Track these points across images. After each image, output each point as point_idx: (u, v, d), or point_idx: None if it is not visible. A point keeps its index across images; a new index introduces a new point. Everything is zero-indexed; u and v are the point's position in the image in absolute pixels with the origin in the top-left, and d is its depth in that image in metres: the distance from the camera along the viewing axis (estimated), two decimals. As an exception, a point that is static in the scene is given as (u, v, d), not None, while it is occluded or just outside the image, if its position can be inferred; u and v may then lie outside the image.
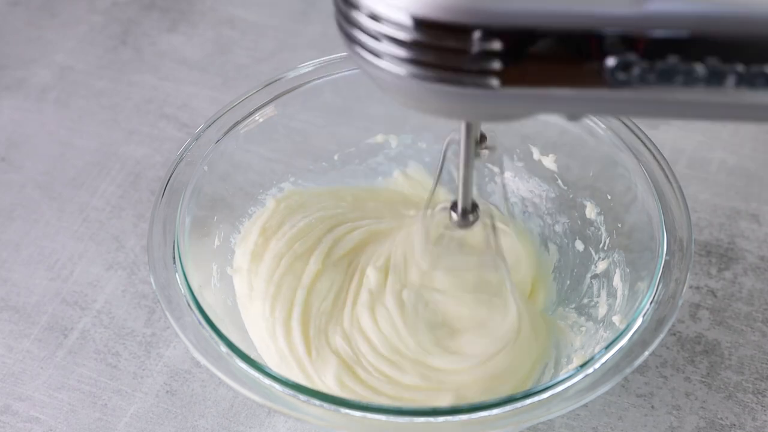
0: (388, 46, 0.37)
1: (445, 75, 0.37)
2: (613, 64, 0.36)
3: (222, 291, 0.60)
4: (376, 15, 0.37)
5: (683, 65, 0.35)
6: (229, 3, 0.88)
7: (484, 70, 0.36)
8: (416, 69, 0.37)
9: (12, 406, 0.62)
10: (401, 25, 0.36)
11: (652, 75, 0.36)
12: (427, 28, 0.36)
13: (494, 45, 0.36)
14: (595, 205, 0.62)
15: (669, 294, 0.53)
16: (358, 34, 0.38)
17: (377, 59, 0.38)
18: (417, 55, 0.37)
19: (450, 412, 0.50)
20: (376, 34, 0.37)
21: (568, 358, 0.58)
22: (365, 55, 0.38)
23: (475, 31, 0.36)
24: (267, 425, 0.61)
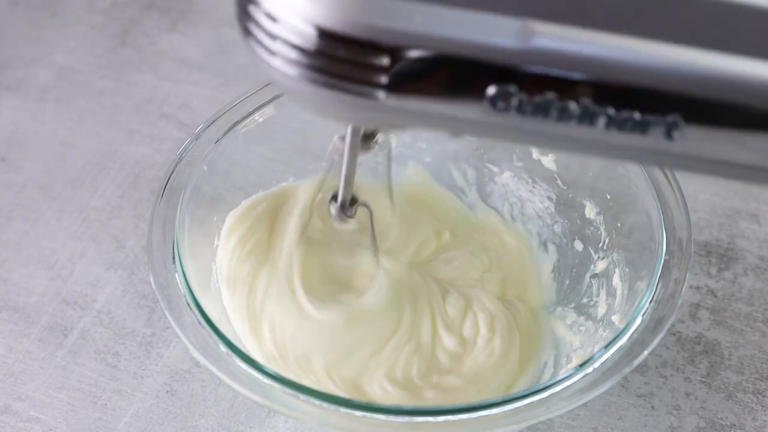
0: (282, 47, 0.38)
1: (335, 82, 0.38)
2: (493, 92, 0.37)
3: (221, 290, 0.60)
4: (273, 16, 0.38)
5: (558, 102, 0.37)
6: (229, 3, 0.88)
7: (373, 82, 0.38)
8: (307, 72, 0.38)
9: (12, 406, 0.62)
10: (300, 31, 0.37)
11: (529, 107, 0.37)
12: (325, 37, 0.37)
13: (383, 60, 0.37)
14: (595, 204, 0.62)
15: (668, 293, 0.54)
16: (255, 30, 0.39)
17: (270, 56, 0.39)
18: (310, 60, 0.38)
19: (450, 412, 0.50)
20: (272, 34, 0.38)
21: (568, 358, 0.58)
22: (259, 51, 0.39)
23: (368, 46, 0.37)
24: (267, 425, 0.61)
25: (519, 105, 0.37)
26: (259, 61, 0.40)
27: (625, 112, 0.37)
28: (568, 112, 0.37)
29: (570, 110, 0.37)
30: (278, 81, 0.40)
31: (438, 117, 0.39)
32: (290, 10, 0.37)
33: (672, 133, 0.37)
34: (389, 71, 0.37)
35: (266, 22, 0.38)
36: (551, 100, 0.37)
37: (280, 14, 0.37)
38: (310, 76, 0.38)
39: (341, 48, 0.37)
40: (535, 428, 0.61)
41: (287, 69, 0.39)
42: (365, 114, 0.40)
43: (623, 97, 0.37)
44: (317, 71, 0.38)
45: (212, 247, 0.61)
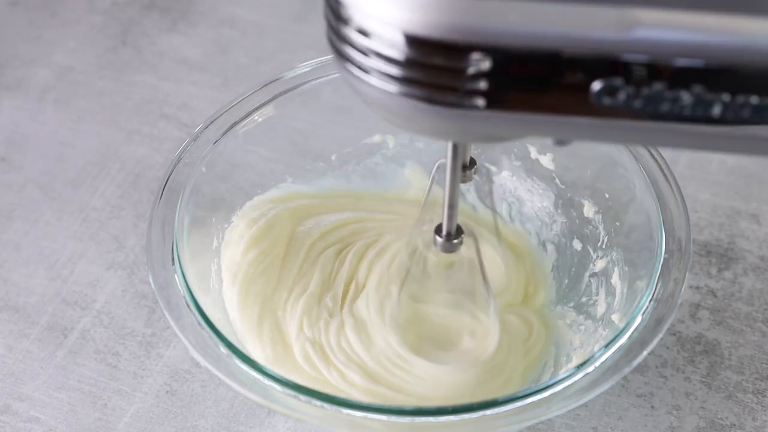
0: (376, 62, 0.37)
1: (431, 93, 0.37)
2: (598, 88, 0.36)
3: (221, 291, 0.60)
4: (365, 31, 0.37)
5: (669, 92, 0.35)
6: (229, 3, 0.88)
7: (471, 90, 0.36)
8: (403, 86, 0.37)
9: (12, 406, 0.62)
10: (391, 41, 0.36)
11: (638, 100, 0.36)
12: (417, 45, 0.36)
13: (483, 65, 0.35)
14: (594, 204, 0.62)
15: (668, 293, 0.54)
16: (348, 50, 0.38)
17: (365, 75, 0.38)
18: (405, 72, 0.36)
19: (451, 412, 0.50)
20: (364, 50, 0.37)
21: (568, 357, 0.58)
22: (353, 70, 0.38)
23: (464, 50, 0.35)
24: (267, 425, 0.61)
25: (627, 99, 0.35)
26: (354, 81, 0.38)
27: (741, 96, 0.35)
28: (679, 103, 0.35)
29: (682, 101, 0.35)
30: (376, 101, 0.38)
31: (542, 122, 0.37)
32: (381, 20, 0.36)
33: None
34: (489, 76, 0.36)
35: (359, 38, 0.37)
36: (660, 91, 0.35)
37: (372, 27, 0.36)
38: (406, 90, 0.37)
39: (435, 55, 0.36)
40: (535, 428, 0.61)
41: (383, 85, 0.37)
42: (466, 126, 0.38)
43: (738, 82, 0.35)
44: (413, 83, 0.36)
45: (212, 248, 0.61)
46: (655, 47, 0.35)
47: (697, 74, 0.35)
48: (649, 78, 0.35)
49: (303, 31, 0.86)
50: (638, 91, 0.35)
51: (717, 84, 0.35)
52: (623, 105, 0.36)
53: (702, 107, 0.35)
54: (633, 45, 0.35)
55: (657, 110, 0.36)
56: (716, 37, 0.34)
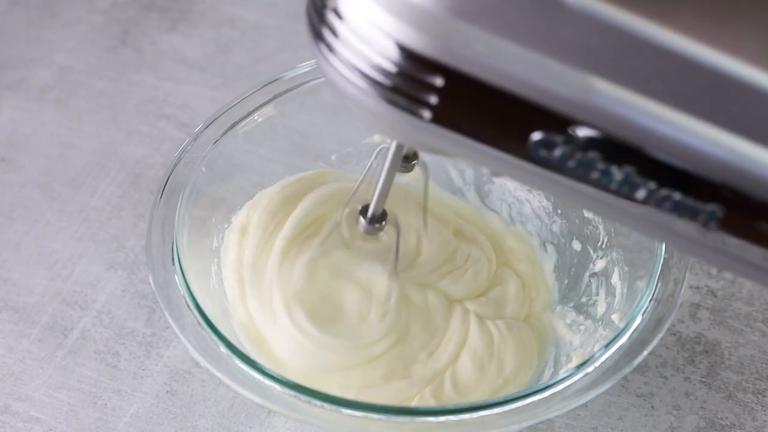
0: (345, 49, 0.38)
1: (386, 93, 0.38)
2: (537, 138, 0.36)
3: (221, 291, 0.60)
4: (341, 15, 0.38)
5: (602, 164, 0.36)
6: (229, 3, 0.88)
7: (421, 99, 0.37)
8: (362, 79, 0.38)
9: (12, 406, 0.62)
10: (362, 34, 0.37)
11: (571, 162, 0.36)
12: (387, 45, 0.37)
13: (437, 80, 0.36)
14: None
15: (668, 293, 0.54)
16: (324, 30, 0.39)
17: (333, 57, 0.39)
18: (369, 68, 0.37)
19: (451, 412, 0.50)
20: (338, 34, 0.38)
21: (568, 357, 0.58)
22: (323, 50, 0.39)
23: (425, 62, 0.36)
24: (267, 425, 0.61)
25: (561, 157, 0.36)
26: (321, 61, 0.39)
27: (666, 190, 0.36)
28: (608, 177, 0.36)
29: (611, 175, 0.36)
30: (335, 82, 0.39)
31: (478, 150, 0.38)
32: (359, 12, 0.37)
33: (709, 223, 0.36)
34: (440, 92, 0.37)
35: (334, 21, 0.38)
36: (594, 160, 0.36)
37: (349, 14, 0.37)
38: (365, 83, 0.38)
39: (402, 60, 0.36)
40: (535, 428, 0.61)
41: (346, 72, 0.38)
42: (411, 132, 0.39)
43: (668, 175, 0.36)
44: (372, 79, 0.37)
45: (212, 248, 0.61)
46: (603, 118, 0.35)
47: (632, 156, 0.36)
48: (586, 145, 0.36)
49: (303, 31, 0.85)
50: (573, 153, 0.36)
51: (649, 171, 0.36)
52: (557, 161, 0.37)
53: (628, 187, 0.37)
54: (583, 110, 0.35)
55: (586, 176, 0.37)
56: (661, 128, 0.35)
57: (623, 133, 0.35)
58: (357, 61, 0.37)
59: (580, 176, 0.37)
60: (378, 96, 0.38)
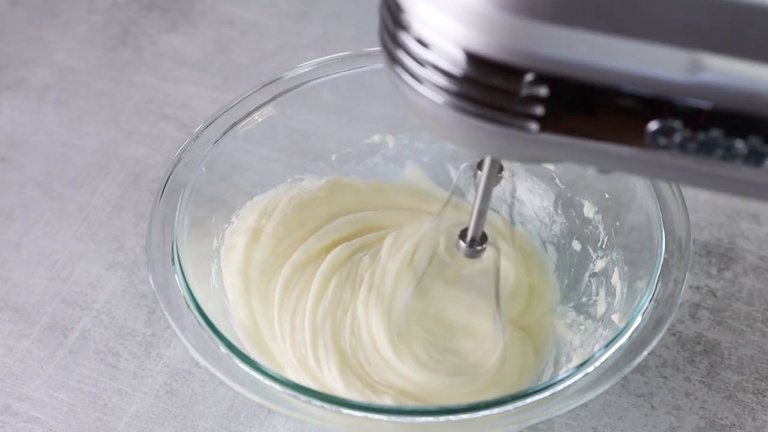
0: (431, 73, 0.36)
1: (485, 112, 0.36)
2: (655, 127, 0.35)
3: (221, 291, 0.60)
4: (423, 41, 0.36)
5: (725, 140, 0.35)
6: (229, 3, 0.88)
7: (526, 113, 0.36)
8: (457, 101, 0.37)
9: (12, 406, 0.62)
10: (450, 56, 0.35)
11: (693, 144, 0.35)
12: (477, 64, 0.35)
13: (541, 90, 0.35)
14: (593, 204, 0.62)
15: (668, 293, 0.54)
16: (402, 56, 0.37)
17: (418, 84, 0.37)
18: (460, 88, 0.36)
19: (451, 412, 0.50)
20: (421, 60, 0.36)
21: (568, 357, 0.58)
22: (405, 77, 0.38)
23: (526, 74, 0.35)
24: (267, 425, 0.61)
25: (682, 142, 0.35)
26: (404, 87, 0.38)
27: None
28: (733, 151, 0.35)
29: (736, 149, 0.35)
30: (424, 109, 0.38)
31: (593, 152, 0.37)
32: (442, 34, 0.35)
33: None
34: (545, 102, 0.35)
35: (417, 48, 0.36)
36: (717, 138, 0.35)
37: (432, 39, 0.36)
38: (459, 105, 0.36)
39: (494, 75, 0.35)
40: (536, 428, 0.61)
41: (435, 96, 0.37)
42: (514, 147, 0.38)
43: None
44: (467, 99, 0.36)
45: (212, 248, 0.61)
46: (719, 94, 0.34)
47: (756, 125, 0.35)
48: (707, 124, 0.35)
49: (303, 31, 0.86)
50: (695, 136, 0.35)
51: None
52: (678, 146, 0.36)
53: (755, 158, 0.35)
54: (698, 89, 0.34)
55: (710, 155, 0.36)
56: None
57: (743, 104, 0.34)
58: (451, 86, 0.36)
59: (703, 156, 0.36)
60: (479, 117, 0.36)
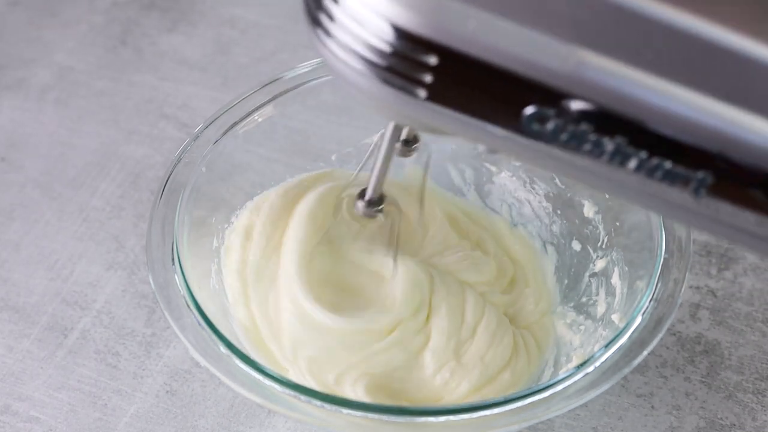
0: (341, 32, 0.38)
1: (383, 74, 0.38)
2: (530, 112, 0.37)
3: (221, 291, 0.60)
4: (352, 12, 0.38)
5: (593, 135, 0.37)
6: (229, 3, 0.88)
7: (415, 79, 0.38)
8: (357, 61, 0.38)
9: (12, 406, 0.62)
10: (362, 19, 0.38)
11: (563, 135, 0.37)
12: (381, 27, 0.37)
13: (431, 59, 0.37)
14: (593, 203, 0.62)
15: (668, 293, 0.54)
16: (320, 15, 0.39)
17: (329, 40, 0.39)
18: (363, 50, 0.38)
19: (450, 412, 0.50)
20: (333, 17, 0.39)
21: (568, 357, 0.58)
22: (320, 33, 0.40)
23: (418, 41, 0.37)
24: (267, 425, 0.61)
25: (554, 130, 0.37)
26: (318, 44, 0.40)
27: (657, 159, 0.37)
28: (600, 148, 0.37)
29: (603, 146, 0.37)
30: (333, 66, 0.40)
31: (473, 127, 0.39)
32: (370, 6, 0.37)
33: (699, 190, 0.37)
34: (434, 71, 0.37)
35: (330, 5, 0.38)
36: (586, 132, 0.37)
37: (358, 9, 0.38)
38: (361, 64, 0.38)
39: (395, 40, 0.37)
40: (535, 428, 0.61)
41: (342, 54, 0.39)
42: (406, 111, 0.40)
43: (658, 144, 0.36)
44: (367, 60, 0.38)
45: (212, 248, 0.61)
46: (594, 91, 0.36)
47: (623, 127, 0.37)
48: (578, 118, 0.37)
49: (303, 31, 0.85)
50: (566, 126, 0.37)
51: (639, 141, 0.37)
52: (549, 134, 0.37)
53: (620, 158, 0.37)
54: (574, 83, 0.36)
55: (579, 148, 0.37)
56: (648, 97, 0.36)
57: (614, 104, 0.36)
58: (353, 43, 0.38)
59: (572, 148, 0.38)
60: (374, 77, 0.38)
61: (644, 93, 0.36)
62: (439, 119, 0.39)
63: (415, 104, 0.38)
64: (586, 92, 0.36)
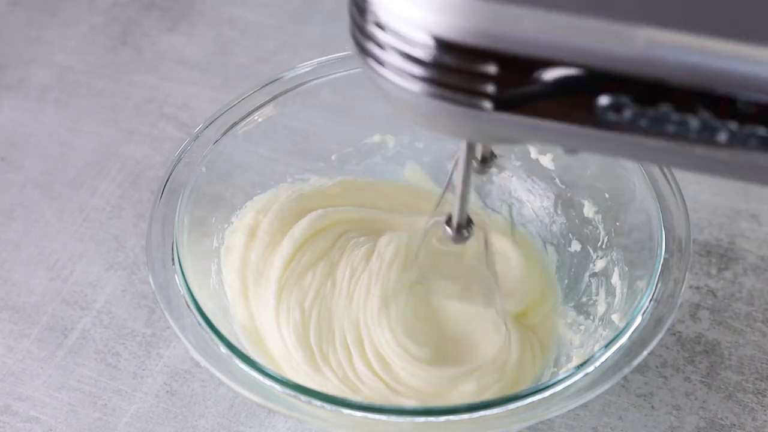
0: (395, 57, 0.37)
1: (441, 92, 0.37)
2: (605, 103, 0.36)
3: (221, 291, 0.60)
4: (385, 26, 0.37)
5: (675, 115, 0.35)
6: (229, 3, 0.88)
7: (478, 91, 0.36)
8: (417, 83, 0.37)
9: (12, 406, 0.62)
10: (409, 39, 0.36)
11: (644, 120, 0.36)
12: (434, 44, 0.36)
13: (489, 68, 0.36)
14: (594, 203, 0.62)
15: (668, 293, 0.54)
16: (369, 45, 0.38)
17: (382, 68, 0.38)
18: (419, 70, 0.37)
19: (450, 412, 0.50)
20: (384, 45, 0.37)
21: (568, 357, 0.58)
22: (374, 65, 0.38)
23: (473, 52, 0.36)
24: (267, 425, 0.61)
25: (632, 117, 0.35)
26: (371, 74, 0.39)
27: (748, 127, 0.35)
28: (685, 126, 0.35)
29: (688, 124, 0.35)
30: (390, 94, 0.39)
31: (547, 130, 0.37)
32: (398, 16, 0.36)
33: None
34: (496, 80, 0.36)
35: (377, 31, 0.37)
36: (667, 113, 0.35)
37: (392, 24, 0.37)
38: (419, 87, 0.37)
39: (448, 55, 0.36)
40: (536, 428, 0.61)
41: (397, 79, 0.38)
42: (473, 126, 0.39)
43: (746, 112, 0.35)
44: (425, 81, 0.37)
45: (212, 248, 0.61)
46: (666, 69, 0.34)
47: (705, 100, 0.35)
48: (656, 99, 0.35)
49: (303, 31, 0.86)
50: (644, 111, 0.35)
51: (725, 112, 0.35)
52: (628, 122, 0.36)
53: (708, 133, 0.35)
54: (644, 64, 0.34)
55: (662, 131, 0.36)
56: (727, 65, 0.34)
57: (691, 78, 0.34)
58: (406, 65, 0.37)
59: (655, 133, 0.36)
60: (435, 97, 0.37)
61: (719, 61, 0.34)
62: (511, 128, 0.38)
63: (482, 117, 0.37)
64: (659, 72, 0.34)
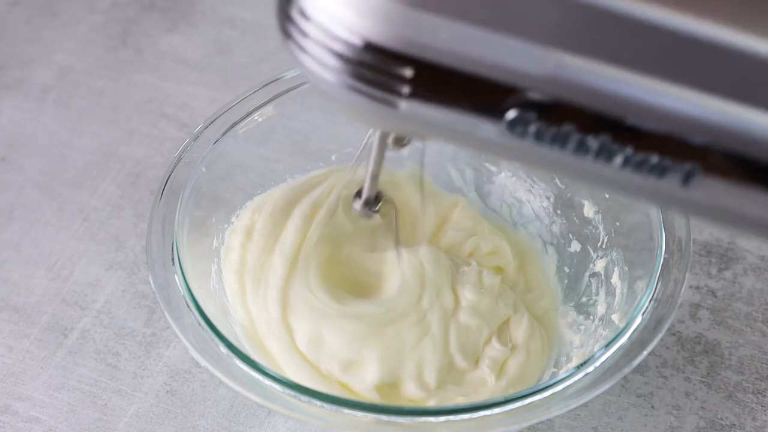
0: (314, 47, 0.39)
1: (360, 87, 0.38)
2: (512, 117, 0.37)
3: (221, 291, 0.60)
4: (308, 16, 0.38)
5: (577, 135, 0.37)
6: (229, 3, 0.88)
7: (394, 91, 0.38)
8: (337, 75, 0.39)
9: (12, 406, 0.62)
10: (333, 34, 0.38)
11: (547, 136, 0.37)
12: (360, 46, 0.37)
13: (406, 71, 0.37)
14: (593, 203, 0.62)
15: (668, 293, 0.54)
16: (292, 29, 0.40)
17: (303, 54, 0.39)
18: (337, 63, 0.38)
19: (451, 412, 0.50)
20: (305, 32, 0.39)
21: (568, 357, 0.58)
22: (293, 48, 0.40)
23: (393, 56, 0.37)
24: (267, 425, 0.61)
25: (537, 132, 0.37)
26: (292, 57, 0.40)
27: (642, 153, 0.37)
28: (585, 146, 0.37)
29: (587, 144, 0.37)
30: (309, 78, 0.40)
31: (457, 133, 0.39)
32: (323, 10, 0.38)
33: (689, 181, 0.37)
34: (411, 82, 0.37)
35: (300, 19, 0.39)
36: (569, 132, 0.37)
37: (314, 14, 0.38)
38: (337, 78, 0.38)
39: (368, 54, 0.37)
40: (536, 428, 0.61)
41: (317, 68, 0.39)
42: (388, 121, 0.40)
43: (643, 139, 0.37)
44: (343, 73, 0.38)
45: (212, 248, 0.61)
46: (572, 91, 0.36)
47: (606, 124, 0.37)
48: (559, 118, 0.37)
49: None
50: (548, 128, 0.37)
51: (624, 137, 0.37)
52: (533, 136, 0.38)
53: (605, 155, 0.37)
54: (552, 85, 0.36)
55: (563, 148, 0.38)
56: (631, 94, 0.36)
57: (594, 102, 0.36)
58: (327, 58, 0.38)
59: (557, 149, 0.38)
60: (351, 90, 0.38)
61: (623, 89, 0.36)
62: (422, 128, 0.39)
63: (395, 115, 0.39)
64: (565, 93, 0.36)
